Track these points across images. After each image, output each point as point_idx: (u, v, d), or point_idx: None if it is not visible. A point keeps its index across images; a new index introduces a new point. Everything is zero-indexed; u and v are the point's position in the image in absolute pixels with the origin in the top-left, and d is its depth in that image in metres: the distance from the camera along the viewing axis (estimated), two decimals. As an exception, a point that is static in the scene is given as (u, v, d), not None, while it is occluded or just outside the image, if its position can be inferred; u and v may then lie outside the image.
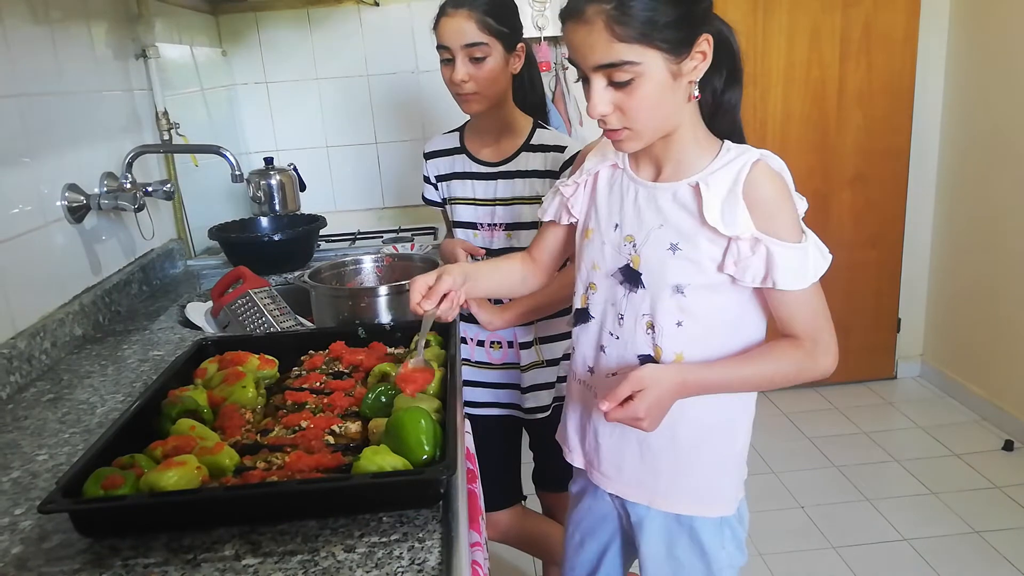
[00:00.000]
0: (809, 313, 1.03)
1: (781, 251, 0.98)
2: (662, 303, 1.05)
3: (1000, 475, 2.67)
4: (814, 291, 1.03)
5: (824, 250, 1.03)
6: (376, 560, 0.76)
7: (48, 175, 1.47)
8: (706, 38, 0.97)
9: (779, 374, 1.05)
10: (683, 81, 0.98)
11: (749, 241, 0.99)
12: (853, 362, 3.46)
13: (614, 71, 0.95)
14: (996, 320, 3.00)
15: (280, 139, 2.82)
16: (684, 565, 1.18)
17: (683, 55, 0.95)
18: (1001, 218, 2.93)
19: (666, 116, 1.00)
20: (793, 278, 0.99)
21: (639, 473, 1.16)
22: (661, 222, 1.05)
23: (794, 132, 3.19)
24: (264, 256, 1.91)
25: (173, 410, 1.01)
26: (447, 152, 1.70)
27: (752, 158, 1.00)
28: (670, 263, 1.04)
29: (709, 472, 1.15)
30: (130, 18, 1.94)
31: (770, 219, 0.99)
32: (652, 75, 0.95)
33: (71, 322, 1.45)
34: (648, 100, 0.96)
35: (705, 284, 1.03)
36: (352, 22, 2.73)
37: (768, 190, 0.99)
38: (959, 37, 3.10)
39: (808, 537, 2.40)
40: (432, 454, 0.88)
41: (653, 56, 0.94)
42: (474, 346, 1.71)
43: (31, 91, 1.44)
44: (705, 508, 1.15)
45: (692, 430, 1.11)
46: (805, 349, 1.04)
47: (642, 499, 1.17)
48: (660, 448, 1.13)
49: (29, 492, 0.93)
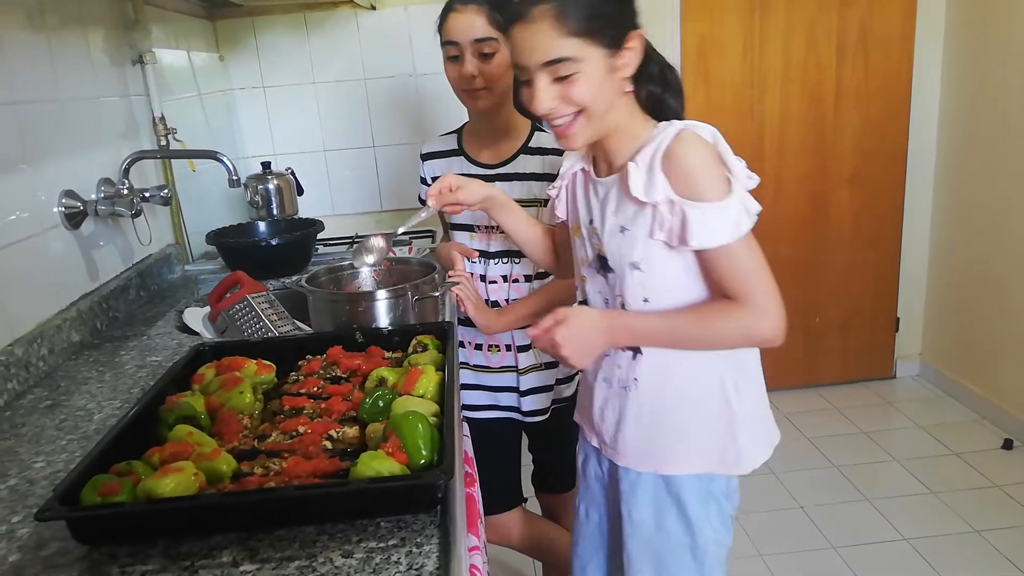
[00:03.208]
0: (738, 272, 1.07)
1: (693, 211, 1.03)
2: (627, 282, 1.14)
3: (999, 474, 2.67)
4: (740, 250, 1.06)
5: (751, 210, 1.06)
6: (374, 565, 0.76)
7: (45, 181, 1.47)
8: (637, 34, 1.07)
9: (713, 330, 1.10)
10: (617, 76, 1.07)
11: (667, 205, 1.06)
12: (852, 362, 3.47)
13: (558, 66, 1.04)
14: (995, 319, 3.00)
15: (278, 143, 2.82)
16: (671, 537, 1.22)
17: (618, 50, 1.05)
18: (999, 217, 2.93)
19: (607, 106, 1.08)
20: (706, 235, 1.04)
21: (639, 442, 1.21)
22: (614, 209, 1.14)
23: (792, 133, 3.19)
24: (262, 261, 1.91)
25: (170, 416, 1.01)
26: (445, 154, 1.70)
27: (675, 130, 1.07)
28: (623, 244, 1.13)
29: (709, 433, 1.19)
30: (127, 24, 1.94)
31: (687, 182, 1.04)
32: (591, 70, 1.04)
33: (68, 328, 1.45)
34: (589, 93, 1.05)
35: (653, 257, 1.11)
36: (349, 26, 2.73)
37: (684, 156, 1.04)
38: (955, 37, 3.11)
39: (808, 537, 2.40)
40: (430, 458, 0.88)
41: (593, 51, 1.03)
42: (472, 350, 1.71)
43: (28, 98, 1.44)
44: (703, 466, 1.20)
45: (679, 394, 1.17)
46: (741, 309, 1.07)
47: (644, 466, 1.22)
48: (655, 416, 1.19)
49: (26, 499, 0.93)
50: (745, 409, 1.19)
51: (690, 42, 3.08)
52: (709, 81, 3.12)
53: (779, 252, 3.31)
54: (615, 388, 1.22)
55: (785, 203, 3.25)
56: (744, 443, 1.19)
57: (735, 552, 2.33)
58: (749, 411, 1.20)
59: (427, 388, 1.06)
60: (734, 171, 1.06)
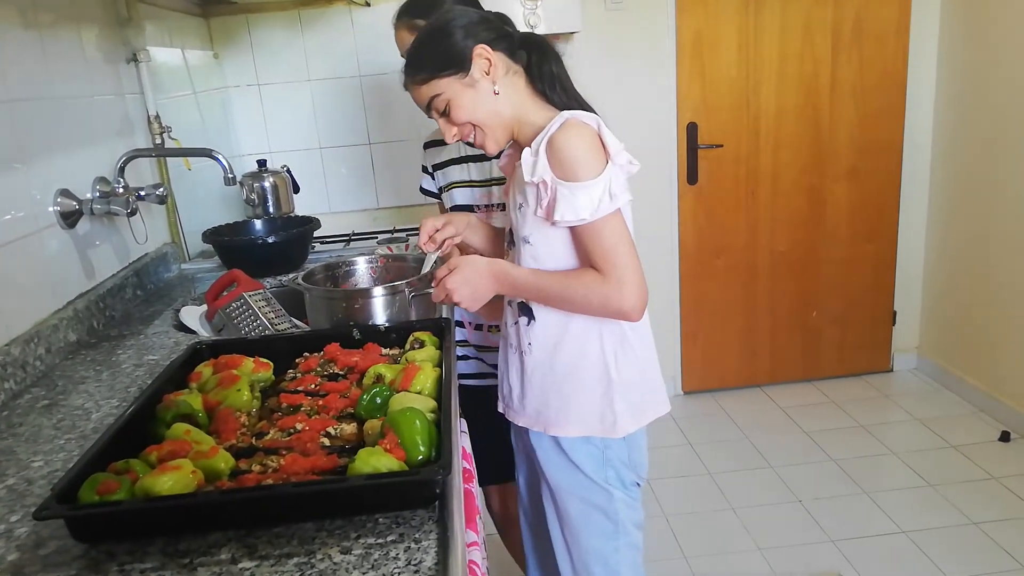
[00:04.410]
0: (602, 247, 1.18)
1: (563, 189, 1.15)
2: (521, 255, 1.27)
3: (997, 466, 2.68)
4: (603, 228, 1.17)
5: (617, 195, 1.16)
6: (372, 561, 0.77)
7: (40, 180, 1.47)
8: (479, 50, 1.20)
9: (575, 293, 1.21)
10: (481, 85, 1.21)
11: (544, 184, 1.18)
12: (849, 355, 3.48)
13: (436, 102, 1.23)
14: (992, 311, 3.01)
15: (273, 141, 2.81)
16: (585, 497, 1.32)
17: (467, 69, 1.20)
18: (995, 210, 2.94)
19: (489, 112, 1.23)
20: (569, 211, 1.15)
21: (535, 404, 1.32)
22: (518, 188, 1.26)
23: (788, 127, 3.19)
24: (258, 259, 1.91)
25: (168, 414, 1.01)
26: (444, 141, 1.73)
27: (562, 119, 1.18)
28: (519, 218, 1.26)
29: (589, 397, 1.28)
30: (120, 22, 1.93)
31: (563, 165, 1.16)
32: (455, 95, 1.21)
33: (65, 328, 1.45)
34: (464, 111, 1.22)
35: (538, 232, 1.23)
36: (343, 23, 2.73)
37: (563, 141, 1.16)
38: (951, 30, 3.11)
39: (806, 530, 2.41)
40: (428, 455, 0.88)
41: (446, 83, 1.21)
42: (472, 330, 1.77)
43: (21, 96, 1.43)
44: (585, 428, 1.29)
45: (566, 359, 1.28)
46: (600, 278, 1.18)
47: (538, 427, 1.33)
48: (546, 379, 1.30)
49: (25, 499, 0.93)
50: (623, 376, 1.28)
51: (685, 37, 3.08)
52: (704, 76, 3.11)
53: (776, 247, 3.31)
54: (514, 352, 1.33)
55: (781, 197, 3.25)
56: (620, 409, 1.28)
57: (734, 546, 2.36)
58: (627, 378, 1.28)
59: (424, 384, 1.06)
60: (613, 156, 1.17)
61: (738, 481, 2.70)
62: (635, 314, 1.20)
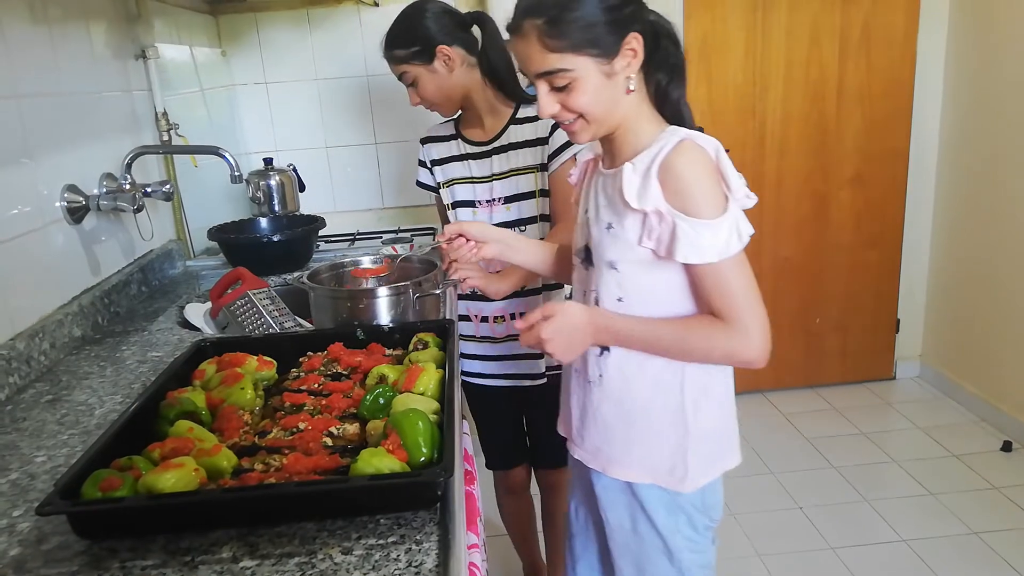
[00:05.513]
0: (724, 292, 1.06)
1: (684, 225, 1.03)
2: (603, 279, 1.15)
3: (998, 476, 2.67)
4: (729, 270, 1.05)
5: (744, 233, 1.06)
6: (373, 562, 0.77)
7: (47, 176, 1.47)
8: (634, 36, 1.05)
9: (694, 344, 1.09)
10: (618, 79, 1.07)
11: (657, 214, 1.04)
12: (852, 362, 3.47)
13: (552, 78, 1.06)
14: (995, 321, 3.00)
15: (279, 139, 2.81)
16: (645, 541, 1.21)
17: (613, 56, 1.05)
18: (1000, 218, 2.93)
19: (607, 110, 1.08)
20: (692, 251, 1.03)
21: (596, 440, 1.22)
22: (606, 203, 1.14)
23: (794, 133, 3.19)
24: (263, 257, 1.91)
25: (171, 412, 1.01)
26: (443, 138, 1.78)
27: (677, 138, 1.06)
28: (606, 241, 1.13)
29: (660, 445, 1.17)
30: (129, 18, 1.94)
31: (681, 195, 1.03)
32: (586, 78, 1.05)
33: (70, 323, 1.45)
34: (586, 98, 1.06)
35: (634, 260, 1.10)
36: (352, 22, 2.73)
37: (682, 168, 1.03)
38: (958, 37, 3.10)
39: (807, 538, 2.41)
40: (430, 456, 0.88)
41: (584, 62, 1.04)
42: (478, 323, 1.78)
43: (30, 92, 1.44)
44: (651, 477, 1.18)
45: (638, 400, 1.16)
46: (723, 327, 1.07)
47: (597, 465, 1.22)
48: (612, 416, 1.19)
49: (27, 494, 0.94)
50: (702, 427, 1.16)
51: (692, 40, 3.08)
52: (711, 80, 3.11)
53: (780, 252, 3.31)
54: (581, 381, 1.23)
55: (786, 203, 3.25)
56: (693, 463, 1.16)
57: (734, 552, 2.35)
58: (705, 429, 1.17)
59: (427, 386, 1.06)
60: (732, 189, 1.05)
61: (739, 487, 2.70)
62: (760, 363, 1.07)
